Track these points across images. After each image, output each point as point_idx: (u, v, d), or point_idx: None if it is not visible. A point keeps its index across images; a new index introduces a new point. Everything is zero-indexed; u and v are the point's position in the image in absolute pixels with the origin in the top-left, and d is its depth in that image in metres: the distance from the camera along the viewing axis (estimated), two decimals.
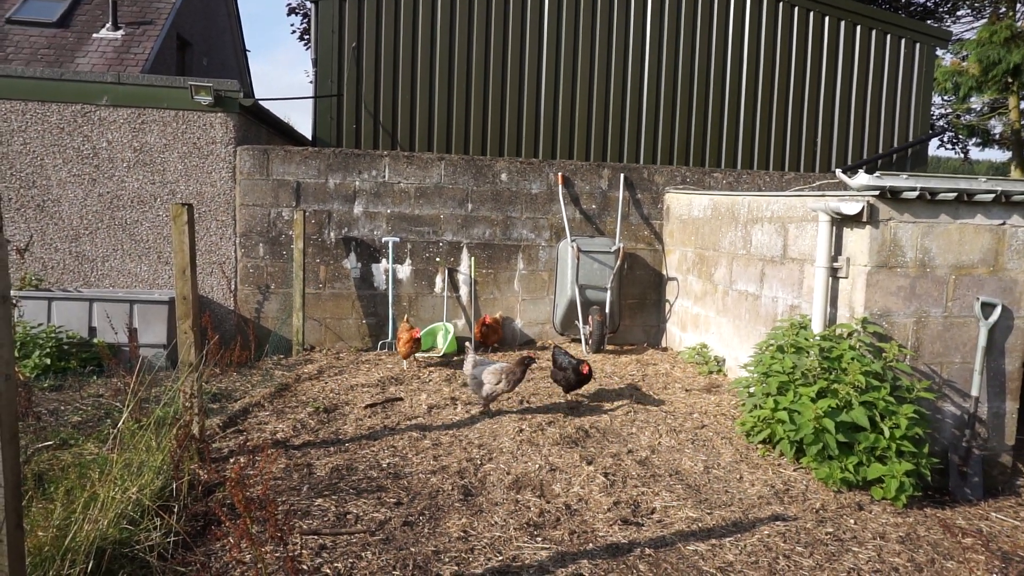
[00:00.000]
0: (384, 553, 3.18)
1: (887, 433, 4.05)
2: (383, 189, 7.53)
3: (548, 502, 3.81)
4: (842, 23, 9.01)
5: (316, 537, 3.28)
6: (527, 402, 5.57)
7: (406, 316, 6.80)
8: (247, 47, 17.61)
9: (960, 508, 4.26)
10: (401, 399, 5.59)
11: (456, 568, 3.09)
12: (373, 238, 7.55)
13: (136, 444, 3.59)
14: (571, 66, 8.55)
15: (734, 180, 8.16)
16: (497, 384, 5.04)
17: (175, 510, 3.35)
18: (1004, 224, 4.56)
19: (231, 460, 4.19)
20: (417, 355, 6.90)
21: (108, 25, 11.95)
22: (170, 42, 12.65)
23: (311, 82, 8.98)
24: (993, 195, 4.43)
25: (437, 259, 7.66)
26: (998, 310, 4.53)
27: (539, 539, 3.40)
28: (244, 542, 2.80)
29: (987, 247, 4.57)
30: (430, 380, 6.18)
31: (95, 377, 6.11)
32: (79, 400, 5.41)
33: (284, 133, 8.98)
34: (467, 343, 5.85)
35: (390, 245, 7.46)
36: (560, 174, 7.76)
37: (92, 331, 6.57)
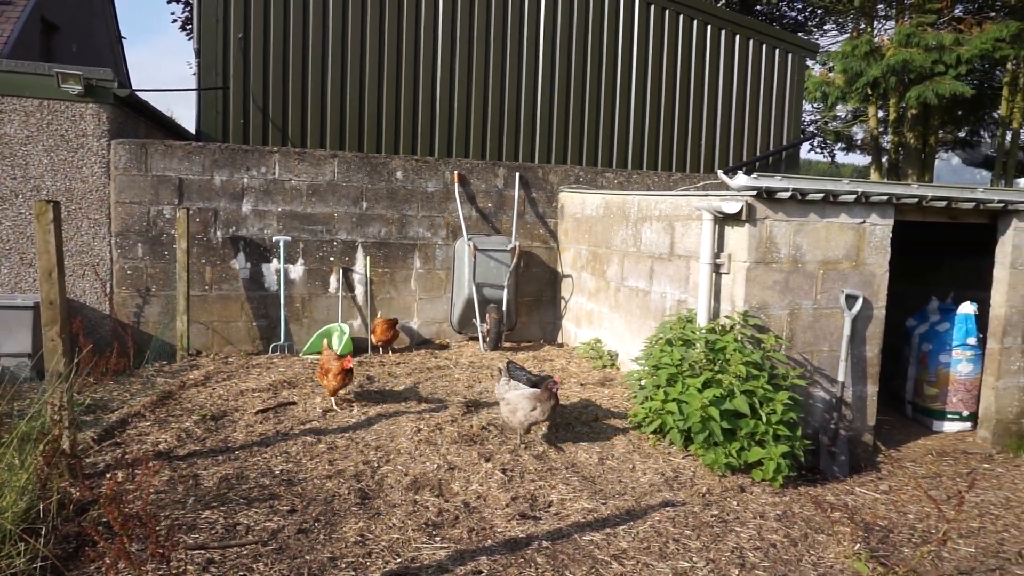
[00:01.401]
0: (277, 563, 3.08)
1: (765, 419, 4.32)
2: (273, 187, 7.26)
3: (447, 501, 3.81)
4: (723, 32, 9.50)
5: (203, 552, 3.13)
6: (424, 402, 5.54)
7: (325, 341, 6.02)
8: (123, 34, 16.49)
9: (830, 485, 4.61)
10: (294, 403, 5.42)
11: (353, 573, 3.04)
12: (263, 237, 7.27)
13: None
14: (466, 63, 8.56)
15: (625, 180, 8.43)
16: (532, 411, 4.50)
17: (43, 532, 3.10)
18: (864, 223, 4.96)
19: (107, 475, 3.93)
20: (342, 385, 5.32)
21: None
22: (33, 25, 11.65)
23: (194, 74, 8.53)
24: (855, 196, 4.81)
25: (331, 258, 7.48)
26: (860, 302, 4.92)
27: (438, 539, 3.39)
28: (122, 562, 2.63)
29: (850, 244, 4.95)
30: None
31: None
32: None
33: (165, 127, 8.48)
34: (499, 366, 5.16)
35: (281, 244, 7.21)
36: (456, 172, 7.76)
37: None
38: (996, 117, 17.10)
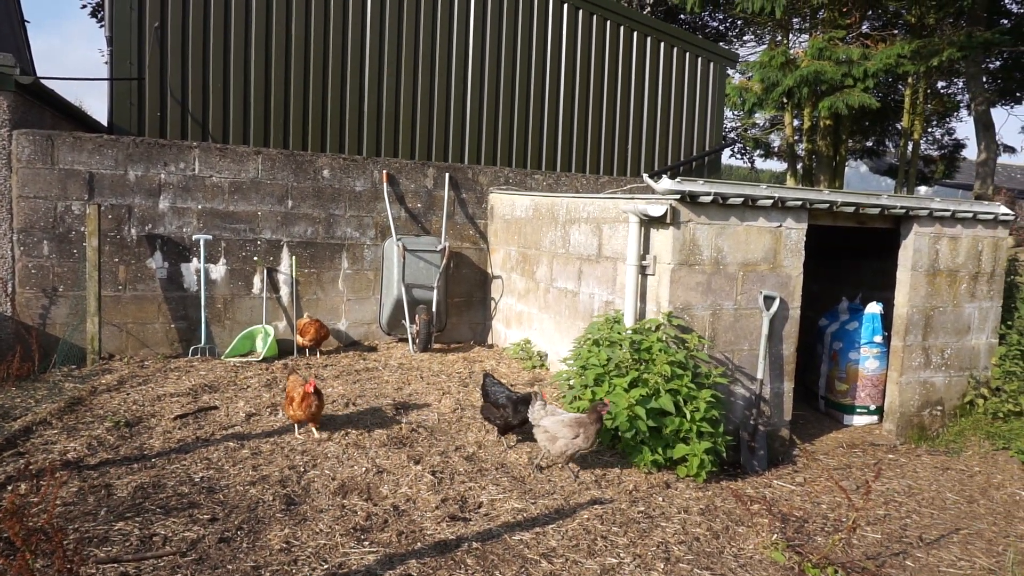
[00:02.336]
0: (197, 574, 2.96)
1: (689, 416, 4.45)
2: (193, 183, 6.99)
3: (375, 505, 3.76)
4: (648, 39, 9.73)
5: (116, 565, 2.99)
6: (353, 404, 5.45)
7: (293, 368, 5.02)
8: (26, 18, 15.49)
9: (750, 479, 4.79)
10: (216, 408, 5.23)
11: None
12: (182, 236, 6.98)
13: None
14: (395, 62, 8.46)
15: (554, 182, 8.52)
16: (575, 438, 4.16)
17: None
18: (781, 226, 5.18)
19: (8, 487, 3.69)
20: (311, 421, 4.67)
21: None
22: None
23: (107, 62, 8.10)
24: (772, 200, 5.02)
25: (255, 258, 7.25)
26: (777, 302, 5.14)
27: (366, 543, 3.34)
28: None
29: (768, 247, 5.16)
30: (248, 386, 5.83)
31: None
32: None
33: (74, 118, 8.03)
34: (534, 388, 4.64)
35: (202, 243, 6.94)
36: (385, 172, 7.66)
37: None
38: (899, 128, 18.20)
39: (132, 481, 3.87)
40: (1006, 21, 15.84)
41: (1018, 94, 17.41)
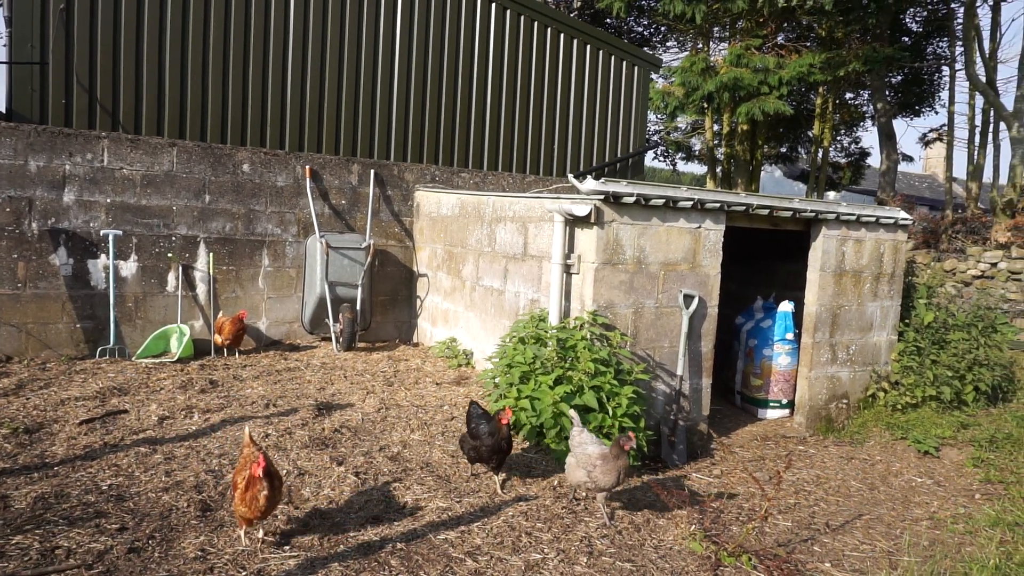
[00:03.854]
0: None
1: (612, 412, 4.54)
2: (102, 175, 6.63)
3: (297, 508, 3.68)
4: (575, 41, 9.86)
5: None
6: (273, 405, 5.30)
7: (247, 430, 3.53)
8: None
9: (670, 472, 4.93)
10: (126, 411, 4.98)
11: None
12: (90, 230, 6.62)
13: None
14: (320, 55, 8.27)
15: (480, 180, 8.53)
16: (592, 471, 3.76)
17: None
18: (700, 227, 5.36)
19: None
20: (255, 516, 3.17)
21: None
22: None
23: (5, 45, 7.60)
24: (692, 202, 5.18)
25: (170, 255, 6.95)
26: (696, 301, 5.31)
27: (287, 548, 3.26)
28: None
29: (688, 247, 5.33)
30: (162, 388, 5.59)
31: None
32: None
33: None
34: (572, 411, 4.17)
35: (111, 239, 6.60)
36: (308, 167, 7.49)
37: None
38: (811, 136, 19.11)
39: (32, 491, 3.65)
40: (907, 39, 16.88)
41: (917, 107, 18.61)
